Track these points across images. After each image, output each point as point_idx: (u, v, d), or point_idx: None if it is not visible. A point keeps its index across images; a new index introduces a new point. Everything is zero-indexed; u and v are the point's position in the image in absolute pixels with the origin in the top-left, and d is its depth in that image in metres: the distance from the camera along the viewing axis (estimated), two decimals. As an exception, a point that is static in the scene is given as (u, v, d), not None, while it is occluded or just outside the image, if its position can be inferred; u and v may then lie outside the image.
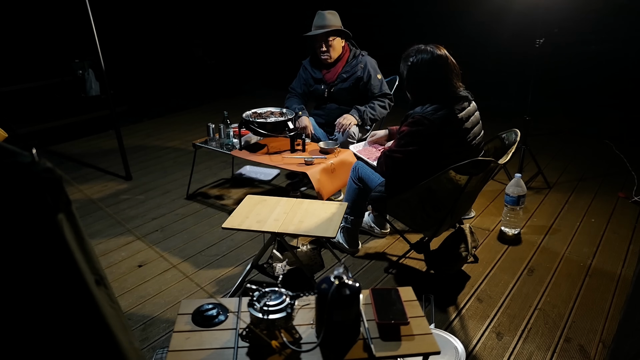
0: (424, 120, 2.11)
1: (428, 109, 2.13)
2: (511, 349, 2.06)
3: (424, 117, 2.11)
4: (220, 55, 7.73)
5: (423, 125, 2.12)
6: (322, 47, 3.20)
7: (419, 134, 2.14)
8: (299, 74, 3.46)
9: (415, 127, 2.14)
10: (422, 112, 2.14)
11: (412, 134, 2.16)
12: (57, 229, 0.78)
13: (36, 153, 0.74)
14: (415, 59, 2.18)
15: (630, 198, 3.43)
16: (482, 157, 2.30)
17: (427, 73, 2.16)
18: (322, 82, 3.34)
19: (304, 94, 3.45)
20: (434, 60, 2.15)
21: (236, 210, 2.32)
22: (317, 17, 3.21)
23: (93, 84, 5.78)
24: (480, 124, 2.28)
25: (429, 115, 2.11)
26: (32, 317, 0.81)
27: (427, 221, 2.37)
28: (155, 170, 4.14)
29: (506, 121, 3.36)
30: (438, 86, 2.16)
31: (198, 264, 2.73)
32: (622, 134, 4.79)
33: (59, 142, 4.94)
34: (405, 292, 1.56)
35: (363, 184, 2.59)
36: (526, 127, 3.55)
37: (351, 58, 3.28)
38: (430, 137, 2.13)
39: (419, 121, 2.13)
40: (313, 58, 3.39)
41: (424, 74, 2.17)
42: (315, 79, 3.37)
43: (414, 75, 2.21)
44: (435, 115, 2.10)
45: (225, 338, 1.39)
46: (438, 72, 2.15)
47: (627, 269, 2.62)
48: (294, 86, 3.47)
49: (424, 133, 2.12)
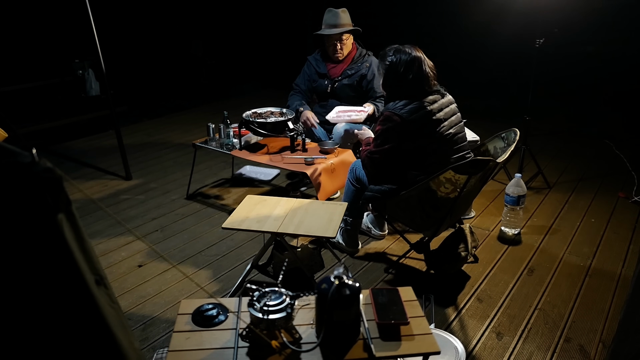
0: (393, 116, 2.23)
1: (398, 104, 2.25)
2: (511, 349, 2.06)
3: (393, 113, 2.23)
4: (220, 55, 7.73)
5: (392, 122, 2.23)
6: (337, 45, 3.22)
7: (390, 130, 2.25)
8: (303, 70, 3.47)
9: (386, 125, 2.26)
10: (392, 108, 2.25)
11: (384, 132, 2.28)
12: (57, 229, 0.78)
13: (36, 153, 0.74)
14: (394, 59, 2.28)
15: (630, 198, 3.43)
16: (481, 155, 2.30)
17: (405, 72, 2.26)
18: (326, 77, 3.35)
19: (308, 90, 3.46)
20: (411, 60, 2.25)
21: (236, 210, 2.32)
22: (329, 15, 3.20)
23: (93, 84, 5.77)
24: (457, 115, 2.37)
25: (398, 111, 2.22)
26: (32, 317, 0.81)
27: (426, 221, 2.37)
28: (155, 170, 4.13)
29: (506, 121, 3.36)
30: (413, 85, 2.26)
31: (198, 264, 2.73)
32: (622, 134, 4.79)
33: (59, 142, 4.94)
34: (405, 292, 1.56)
35: (361, 184, 2.59)
36: (526, 127, 3.55)
37: (357, 56, 3.30)
38: (402, 132, 2.23)
39: (388, 117, 2.25)
40: (321, 54, 3.40)
41: (401, 73, 2.27)
42: (320, 74, 3.38)
43: (391, 74, 2.31)
44: (404, 110, 2.21)
45: (225, 338, 1.39)
46: (415, 72, 2.25)
47: (627, 269, 2.62)
48: (298, 82, 3.48)
49: (396, 129, 2.23)
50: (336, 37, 3.19)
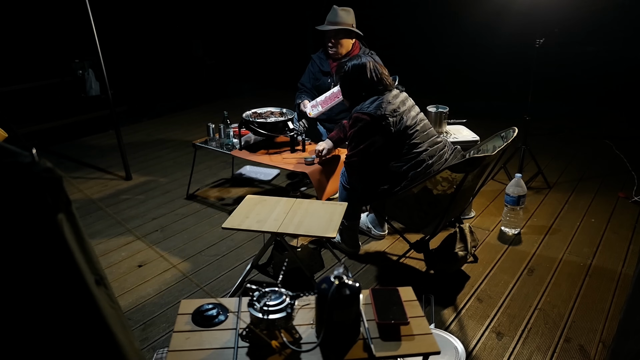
0: (362, 116, 2.34)
1: (364, 105, 2.38)
2: (511, 349, 2.06)
3: (361, 113, 2.35)
4: (220, 55, 7.73)
5: (362, 121, 2.34)
6: (330, 42, 3.22)
7: (362, 130, 2.36)
8: (308, 68, 3.48)
9: (357, 126, 2.37)
10: (359, 110, 2.38)
11: (356, 134, 2.38)
12: (57, 229, 0.78)
13: (36, 153, 0.74)
14: (347, 67, 2.47)
15: (630, 198, 3.43)
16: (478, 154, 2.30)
17: (359, 76, 2.42)
18: (329, 75, 3.35)
19: (312, 88, 3.46)
20: (362, 65, 2.43)
21: (236, 210, 2.32)
22: (331, 12, 3.21)
23: (93, 84, 5.77)
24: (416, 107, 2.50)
25: (365, 109, 2.34)
26: (32, 317, 0.81)
27: (424, 219, 2.38)
28: (155, 170, 4.13)
29: (506, 121, 3.35)
30: (370, 85, 2.41)
31: (198, 264, 2.73)
32: (622, 134, 4.79)
33: (59, 142, 4.94)
34: (405, 292, 1.56)
35: (352, 186, 2.59)
36: (526, 127, 3.55)
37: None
38: (374, 128, 2.33)
39: (357, 118, 2.37)
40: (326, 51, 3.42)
41: (356, 78, 2.44)
42: (323, 71, 3.38)
43: (347, 80, 2.49)
44: (370, 107, 2.34)
45: (225, 338, 1.39)
46: (368, 74, 2.41)
47: (627, 269, 2.62)
48: (303, 81, 3.48)
49: (367, 127, 2.34)
50: (330, 34, 3.20)
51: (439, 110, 3.11)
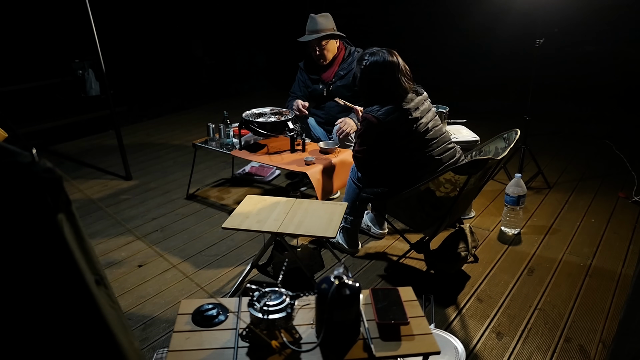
0: (371, 118, 2.30)
1: (376, 106, 2.31)
2: (511, 349, 2.06)
3: (371, 115, 2.30)
4: (220, 55, 7.73)
5: (370, 123, 2.31)
6: (317, 51, 3.21)
7: (368, 131, 2.34)
8: (297, 77, 3.47)
9: (364, 127, 2.36)
10: (370, 110, 2.32)
11: (362, 134, 2.38)
12: (57, 229, 0.78)
13: (36, 153, 0.74)
14: (368, 62, 2.33)
15: (630, 198, 3.43)
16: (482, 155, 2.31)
17: (379, 76, 2.31)
18: (320, 82, 3.35)
19: (304, 96, 3.45)
20: (385, 64, 2.30)
21: (236, 210, 2.32)
22: (309, 22, 3.20)
23: (93, 84, 5.77)
24: (433, 110, 2.43)
25: (375, 113, 2.29)
26: (32, 317, 0.81)
27: (426, 220, 2.37)
28: (155, 170, 4.13)
29: (506, 121, 3.36)
30: (388, 88, 2.30)
31: (198, 264, 2.73)
32: (622, 134, 4.79)
33: (59, 142, 4.94)
34: (405, 292, 1.56)
35: (362, 183, 2.59)
36: (526, 127, 3.55)
37: (347, 56, 3.30)
38: (379, 133, 2.30)
39: (366, 119, 2.33)
40: (307, 61, 3.40)
41: (375, 78, 2.33)
42: (313, 79, 3.38)
43: (367, 78, 2.36)
44: (381, 112, 2.28)
45: (225, 338, 1.39)
46: (389, 76, 2.29)
47: (627, 269, 2.62)
48: (294, 90, 3.47)
49: (374, 130, 2.31)
50: (315, 43, 3.19)
51: (439, 110, 3.11)
